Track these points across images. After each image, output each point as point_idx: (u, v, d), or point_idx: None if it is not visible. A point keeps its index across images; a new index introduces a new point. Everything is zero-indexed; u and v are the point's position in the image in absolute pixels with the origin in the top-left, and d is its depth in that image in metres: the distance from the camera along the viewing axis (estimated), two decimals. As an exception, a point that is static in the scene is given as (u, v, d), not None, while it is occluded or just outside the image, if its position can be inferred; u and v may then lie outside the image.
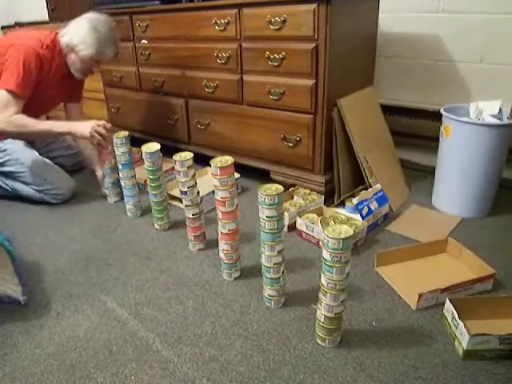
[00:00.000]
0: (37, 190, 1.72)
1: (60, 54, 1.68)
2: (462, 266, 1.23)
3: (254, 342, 1.01)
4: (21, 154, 1.69)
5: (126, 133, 1.56)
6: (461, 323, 0.94)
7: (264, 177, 1.74)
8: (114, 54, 1.74)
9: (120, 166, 1.58)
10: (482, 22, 1.66)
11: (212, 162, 1.12)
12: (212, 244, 1.40)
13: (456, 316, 0.96)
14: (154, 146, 1.44)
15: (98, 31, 1.64)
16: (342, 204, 1.59)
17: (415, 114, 1.89)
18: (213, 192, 1.20)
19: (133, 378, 0.92)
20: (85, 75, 1.79)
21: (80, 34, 1.64)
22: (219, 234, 1.21)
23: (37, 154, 1.74)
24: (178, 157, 1.27)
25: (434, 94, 1.85)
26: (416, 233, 1.42)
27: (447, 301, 1.02)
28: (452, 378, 0.89)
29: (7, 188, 1.76)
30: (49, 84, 1.70)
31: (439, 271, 1.22)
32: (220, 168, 1.10)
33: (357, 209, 1.42)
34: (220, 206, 1.16)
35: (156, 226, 1.55)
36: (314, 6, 1.39)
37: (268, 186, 1.02)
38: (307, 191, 1.63)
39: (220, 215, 1.17)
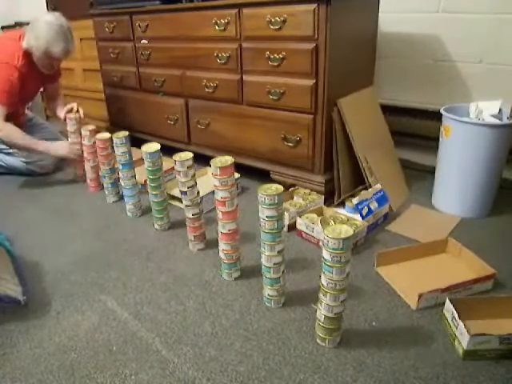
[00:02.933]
0: (25, 162, 2.04)
1: (29, 57, 1.88)
2: (462, 266, 1.23)
3: (253, 341, 1.01)
4: None
5: (126, 133, 1.56)
6: (461, 323, 0.94)
7: (264, 177, 1.74)
8: (64, 52, 1.85)
9: (120, 166, 1.58)
10: (482, 22, 1.66)
11: (212, 162, 1.12)
12: (212, 244, 1.40)
13: (456, 316, 0.96)
14: (154, 146, 1.44)
15: (47, 31, 1.79)
16: (342, 204, 1.59)
17: (415, 113, 1.89)
18: (213, 192, 1.20)
19: (133, 377, 0.92)
20: (50, 70, 1.98)
21: (32, 35, 1.83)
22: (219, 234, 1.21)
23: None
24: (177, 157, 1.27)
25: (434, 94, 1.85)
26: (416, 233, 1.42)
27: (447, 301, 1.02)
28: (452, 377, 0.89)
29: (1, 163, 2.09)
30: (28, 84, 1.94)
31: (439, 271, 1.22)
32: (220, 168, 1.10)
33: (357, 209, 1.42)
34: (220, 205, 1.15)
35: (156, 225, 1.55)
36: (314, 6, 1.39)
37: (268, 185, 1.02)
38: (307, 191, 1.62)
39: (220, 215, 1.17)
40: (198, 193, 1.34)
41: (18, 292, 1.15)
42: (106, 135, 1.68)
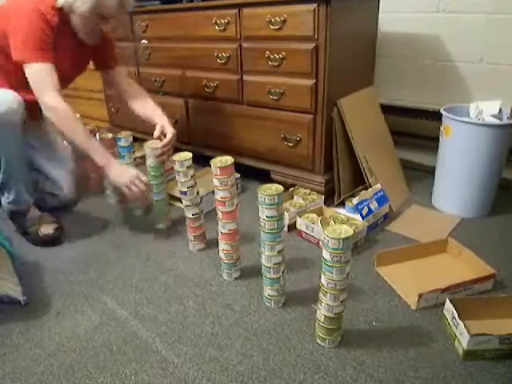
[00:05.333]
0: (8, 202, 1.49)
1: (64, 18, 1.38)
2: (462, 266, 1.23)
3: (253, 341, 1.01)
4: None
5: (129, 133, 1.57)
6: (461, 323, 0.94)
7: (264, 177, 1.74)
8: (119, 4, 1.38)
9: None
10: (482, 22, 1.66)
11: (212, 161, 1.12)
12: (212, 244, 1.40)
13: (456, 316, 0.96)
14: (157, 143, 1.44)
15: None
16: (342, 204, 1.59)
17: (415, 113, 1.89)
18: (213, 192, 1.20)
19: (133, 377, 0.92)
20: (94, 38, 1.48)
21: None
22: (219, 233, 1.21)
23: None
24: (177, 157, 1.27)
25: (434, 94, 1.85)
26: (416, 233, 1.42)
27: (447, 301, 1.02)
28: (452, 377, 0.89)
29: None
30: (60, 54, 1.41)
31: (439, 271, 1.22)
32: (220, 168, 1.10)
33: (357, 209, 1.42)
34: (220, 205, 1.16)
35: (157, 225, 1.55)
36: (314, 6, 1.39)
37: (268, 186, 1.02)
38: (307, 191, 1.62)
39: (220, 215, 1.17)
40: (198, 193, 1.34)
41: (18, 292, 1.16)
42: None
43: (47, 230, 1.45)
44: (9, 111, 1.30)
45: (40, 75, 1.33)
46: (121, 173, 1.38)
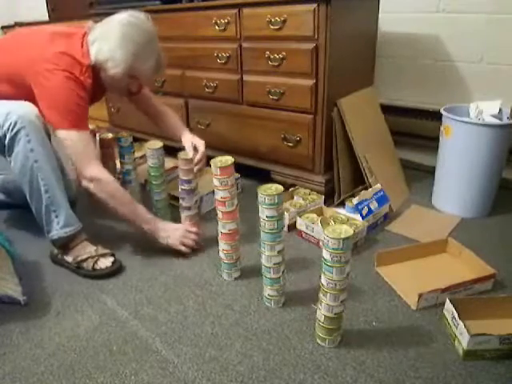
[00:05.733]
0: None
1: (94, 75, 1.30)
2: (462, 266, 1.23)
3: (253, 341, 1.01)
4: None
5: (129, 134, 1.57)
6: (461, 323, 0.94)
7: (264, 177, 1.74)
8: (155, 68, 1.33)
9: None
10: (482, 22, 1.66)
11: (212, 161, 1.12)
12: (212, 244, 1.39)
13: (456, 316, 0.96)
14: (157, 144, 1.45)
15: (132, 40, 1.26)
16: (342, 204, 1.59)
17: (415, 113, 1.89)
18: (213, 192, 1.20)
19: (133, 377, 0.92)
20: (123, 95, 1.45)
21: (108, 45, 1.26)
22: (219, 233, 1.21)
23: None
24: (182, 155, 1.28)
25: (434, 94, 1.85)
26: (416, 233, 1.42)
27: (447, 301, 1.02)
28: (452, 377, 0.89)
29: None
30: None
31: (439, 271, 1.22)
32: (220, 168, 1.10)
33: (357, 209, 1.42)
34: (220, 205, 1.16)
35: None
36: (314, 6, 1.39)
37: (268, 185, 1.02)
38: (307, 191, 1.62)
39: (220, 215, 1.17)
40: (196, 189, 1.34)
41: (18, 292, 1.15)
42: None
43: (104, 263, 1.29)
44: (38, 118, 1.21)
45: (81, 145, 1.25)
46: (169, 234, 1.33)
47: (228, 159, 1.13)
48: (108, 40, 1.26)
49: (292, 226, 1.48)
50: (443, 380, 0.89)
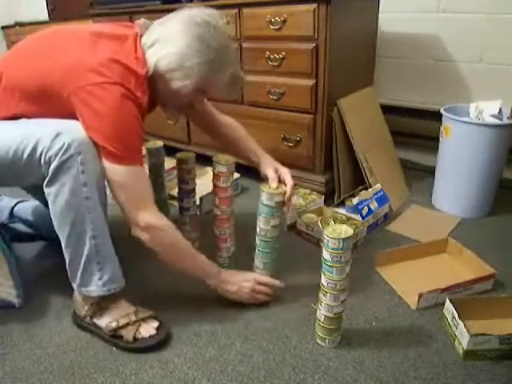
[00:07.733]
0: None
1: (149, 85, 0.99)
2: (462, 266, 1.23)
3: (253, 341, 1.01)
4: None
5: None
6: (461, 323, 0.94)
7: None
8: (230, 83, 1.04)
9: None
10: (482, 22, 1.66)
11: (214, 159, 1.13)
12: (211, 244, 1.39)
13: (456, 316, 0.96)
14: (157, 143, 1.45)
15: (208, 45, 0.96)
16: (342, 204, 1.59)
17: (415, 113, 1.89)
18: (212, 192, 1.20)
19: (133, 377, 0.92)
20: (182, 112, 1.21)
21: (175, 50, 0.96)
22: (218, 234, 1.21)
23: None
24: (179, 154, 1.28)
25: (434, 94, 1.85)
26: (416, 233, 1.42)
27: (447, 301, 1.02)
28: (452, 377, 0.89)
29: None
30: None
31: (439, 271, 1.22)
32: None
33: (357, 209, 1.42)
34: (220, 205, 1.16)
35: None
36: (314, 6, 1.39)
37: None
38: (307, 191, 1.62)
39: (220, 215, 1.17)
40: (194, 189, 1.34)
41: (12, 295, 1.14)
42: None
43: (148, 330, 1.01)
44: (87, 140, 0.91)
45: (135, 184, 0.96)
46: (238, 288, 1.09)
47: (228, 159, 1.14)
48: (174, 43, 0.95)
49: (292, 226, 1.48)
50: (443, 380, 0.89)
